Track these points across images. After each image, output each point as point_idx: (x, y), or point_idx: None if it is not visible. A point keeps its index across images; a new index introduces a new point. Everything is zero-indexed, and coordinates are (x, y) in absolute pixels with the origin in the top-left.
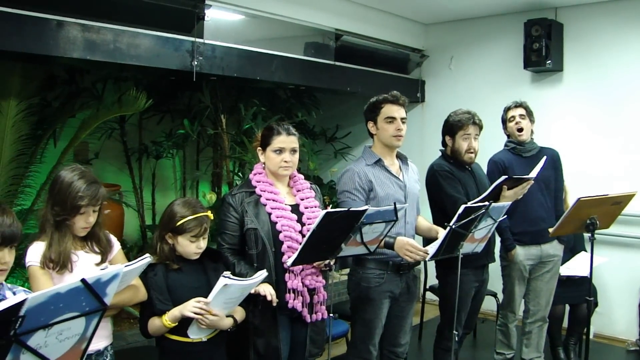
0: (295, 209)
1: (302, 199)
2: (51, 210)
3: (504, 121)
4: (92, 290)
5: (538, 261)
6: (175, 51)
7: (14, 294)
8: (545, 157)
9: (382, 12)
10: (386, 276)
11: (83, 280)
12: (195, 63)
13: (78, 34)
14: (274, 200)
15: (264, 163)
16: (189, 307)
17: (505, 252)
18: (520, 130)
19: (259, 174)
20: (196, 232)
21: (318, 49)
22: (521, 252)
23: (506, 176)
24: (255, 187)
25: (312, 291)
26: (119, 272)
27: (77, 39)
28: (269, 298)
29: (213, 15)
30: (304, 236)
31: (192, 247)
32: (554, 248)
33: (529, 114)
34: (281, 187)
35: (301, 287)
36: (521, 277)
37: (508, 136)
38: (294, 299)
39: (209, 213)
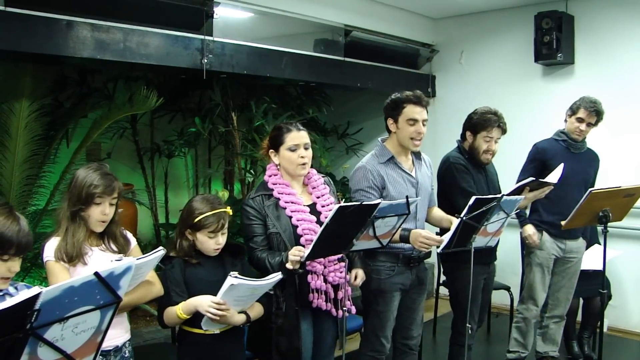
0: (312, 208)
1: (318, 197)
2: (68, 204)
3: (573, 112)
4: (105, 283)
5: (562, 255)
6: (185, 49)
7: (16, 288)
8: (563, 164)
9: (391, 7)
10: (397, 268)
11: (96, 274)
12: (205, 61)
13: (88, 33)
14: (292, 203)
15: (279, 164)
16: (205, 307)
17: (521, 228)
18: (579, 134)
19: (274, 175)
20: (213, 228)
21: (327, 45)
22: (548, 240)
23: (533, 178)
24: (272, 189)
25: (336, 287)
26: (131, 265)
27: (86, 39)
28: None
29: (222, 12)
30: None
31: (210, 242)
32: (578, 245)
33: (596, 124)
34: (297, 187)
35: (324, 287)
36: (546, 266)
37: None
38: (317, 298)
39: (228, 209)
